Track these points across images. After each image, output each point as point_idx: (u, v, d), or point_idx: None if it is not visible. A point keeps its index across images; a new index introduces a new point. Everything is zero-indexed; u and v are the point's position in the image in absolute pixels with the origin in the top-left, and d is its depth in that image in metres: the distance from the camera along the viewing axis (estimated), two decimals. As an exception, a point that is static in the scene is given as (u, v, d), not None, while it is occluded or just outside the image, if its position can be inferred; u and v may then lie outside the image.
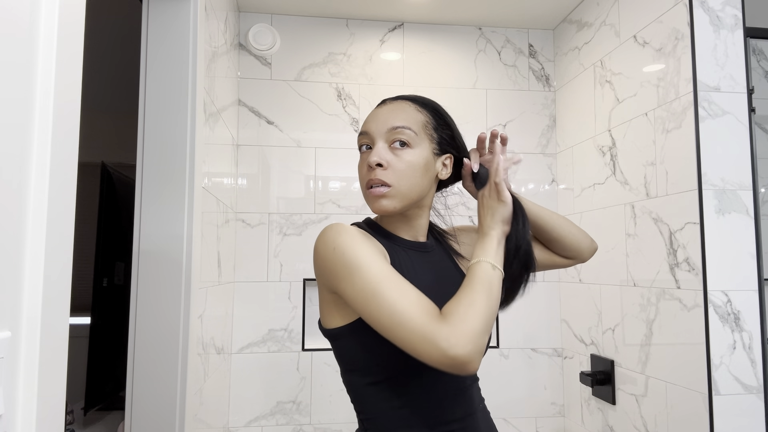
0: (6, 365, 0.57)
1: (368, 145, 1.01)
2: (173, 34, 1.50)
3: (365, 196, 1.01)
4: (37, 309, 0.62)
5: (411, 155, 0.99)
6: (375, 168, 0.97)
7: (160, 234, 1.45)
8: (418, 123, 1.01)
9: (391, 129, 0.99)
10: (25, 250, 0.61)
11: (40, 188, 0.63)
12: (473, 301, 0.85)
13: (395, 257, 1.00)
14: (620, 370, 2.02)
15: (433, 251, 1.07)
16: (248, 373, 2.32)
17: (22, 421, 0.60)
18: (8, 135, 0.57)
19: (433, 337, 0.79)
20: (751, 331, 1.58)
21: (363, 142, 1.02)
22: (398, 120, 1.00)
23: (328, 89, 2.47)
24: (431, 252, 1.06)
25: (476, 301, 0.85)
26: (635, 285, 1.94)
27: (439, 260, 1.06)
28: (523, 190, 2.55)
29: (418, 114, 1.02)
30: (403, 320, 0.81)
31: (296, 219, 2.40)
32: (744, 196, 1.61)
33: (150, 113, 1.48)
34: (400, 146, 0.99)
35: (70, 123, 0.69)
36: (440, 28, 2.57)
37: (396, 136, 0.99)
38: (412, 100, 1.05)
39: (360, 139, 1.03)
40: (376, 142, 0.99)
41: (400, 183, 0.98)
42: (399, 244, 1.03)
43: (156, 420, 1.41)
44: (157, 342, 1.43)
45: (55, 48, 0.65)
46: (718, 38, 1.66)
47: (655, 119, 1.84)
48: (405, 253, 1.02)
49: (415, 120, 1.01)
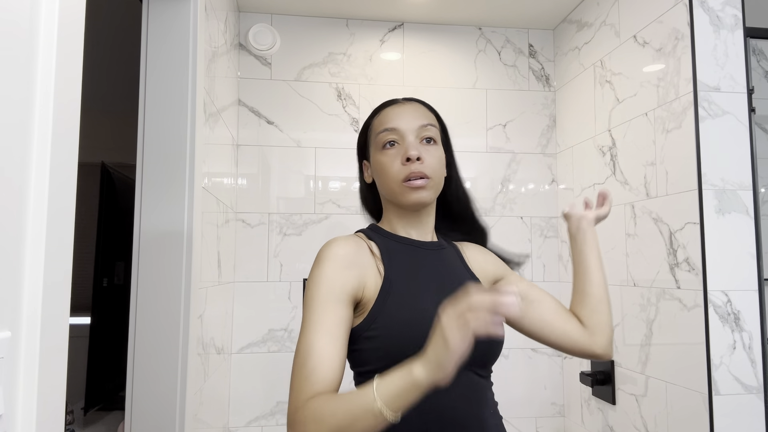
0: (6, 365, 0.57)
1: (394, 141, 1.02)
2: (173, 34, 1.50)
3: (399, 190, 1.01)
4: (37, 309, 0.62)
5: (438, 151, 1.04)
6: (414, 161, 0.99)
7: (160, 234, 1.45)
8: (434, 120, 1.07)
9: (421, 126, 1.03)
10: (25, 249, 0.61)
11: (40, 188, 0.63)
12: (338, 421, 0.78)
13: (395, 259, 1.01)
14: (620, 370, 2.02)
15: (445, 250, 1.08)
16: (248, 373, 2.32)
17: (22, 421, 0.60)
18: (8, 135, 0.57)
19: (289, 414, 0.83)
20: (751, 331, 1.57)
21: (390, 138, 1.03)
22: (425, 118, 1.05)
23: (328, 89, 2.47)
24: (444, 250, 1.08)
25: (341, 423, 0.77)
26: (635, 285, 1.94)
27: (451, 260, 1.07)
28: (523, 190, 2.56)
29: (430, 113, 1.08)
30: (292, 382, 0.87)
31: (296, 219, 2.40)
32: (744, 196, 1.61)
33: (150, 113, 1.48)
34: (428, 142, 1.03)
35: (70, 123, 0.69)
36: (440, 28, 2.57)
37: (426, 133, 1.03)
38: (421, 103, 1.10)
39: (385, 135, 1.03)
40: (406, 138, 1.02)
41: (435, 175, 1.02)
42: (409, 244, 1.04)
43: (156, 420, 1.41)
44: (157, 342, 1.43)
45: (55, 48, 0.65)
46: (718, 38, 1.66)
47: (655, 119, 1.84)
48: (411, 253, 1.03)
49: (432, 119, 1.07)
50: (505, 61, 2.60)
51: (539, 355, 2.49)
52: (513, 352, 2.47)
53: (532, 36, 2.62)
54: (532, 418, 2.47)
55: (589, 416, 2.26)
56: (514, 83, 2.59)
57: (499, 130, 2.55)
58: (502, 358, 2.45)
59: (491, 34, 2.60)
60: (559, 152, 2.56)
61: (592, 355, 1.10)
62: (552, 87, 2.62)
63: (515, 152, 2.56)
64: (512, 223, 2.52)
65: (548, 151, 2.58)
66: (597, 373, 2.14)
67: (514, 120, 2.57)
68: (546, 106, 2.60)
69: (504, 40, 2.60)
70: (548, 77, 2.62)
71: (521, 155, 2.56)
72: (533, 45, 2.62)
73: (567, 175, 2.48)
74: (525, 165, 2.56)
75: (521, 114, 2.58)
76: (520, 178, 2.55)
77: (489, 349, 1.01)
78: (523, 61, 2.61)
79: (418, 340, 0.86)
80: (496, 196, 2.52)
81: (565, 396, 2.48)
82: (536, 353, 2.49)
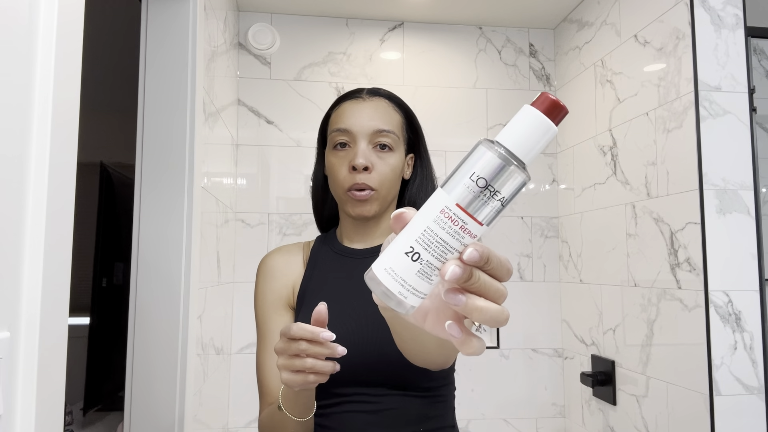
0: (5, 365, 0.57)
1: (345, 143, 0.96)
2: (172, 34, 1.50)
3: (344, 198, 0.96)
4: (36, 309, 0.61)
5: (394, 159, 0.96)
6: (360, 171, 0.92)
7: (159, 234, 1.45)
8: (397, 125, 0.98)
9: (376, 131, 0.95)
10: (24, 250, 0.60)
11: (39, 188, 0.62)
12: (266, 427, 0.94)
13: (317, 270, 0.99)
14: (621, 371, 2.02)
15: None
16: (248, 374, 2.31)
17: (21, 422, 0.59)
18: (7, 135, 0.57)
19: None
20: (752, 331, 1.57)
21: (340, 139, 0.96)
22: (383, 122, 0.96)
23: (327, 89, 2.47)
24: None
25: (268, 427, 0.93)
26: (636, 285, 1.94)
27: None
28: (523, 190, 2.55)
29: (396, 114, 0.99)
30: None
31: (296, 219, 2.39)
32: (745, 196, 1.61)
33: (149, 113, 1.47)
34: (382, 149, 0.95)
35: (69, 123, 0.68)
36: (440, 28, 2.57)
37: (380, 139, 0.95)
38: (388, 98, 1.01)
39: (337, 135, 0.96)
40: (358, 143, 0.94)
41: (383, 187, 0.95)
42: (340, 253, 1.00)
43: (155, 420, 1.41)
44: (157, 342, 1.43)
45: (53, 47, 0.64)
46: (719, 38, 1.65)
47: (656, 119, 1.83)
48: (338, 262, 0.99)
49: (395, 122, 0.98)
50: (505, 60, 2.59)
51: (539, 356, 2.49)
52: (513, 352, 2.47)
53: (533, 35, 2.62)
54: (533, 419, 2.46)
55: (589, 417, 2.26)
56: (515, 83, 2.59)
57: (500, 130, 2.54)
58: (502, 358, 2.45)
59: (491, 33, 2.59)
60: (560, 152, 2.55)
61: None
62: (552, 86, 2.61)
63: (515, 152, 2.55)
64: (512, 223, 2.52)
65: (549, 151, 2.58)
66: (597, 374, 2.14)
67: (515, 120, 2.57)
68: (546, 105, 2.60)
69: (504, 39, 2.60)
70: (549, 77, 2.62)
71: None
72: (534, 44, 2.62)
73: (567, 174, 2.48)
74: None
75: (521, 114, 2.57)
76: (520, 178, 2.55)
77: (392, 370, 0.88)
78: (524, 60, 2.61)
79: None
80: (496, 196, 2.52)
81: (566, 396, 2.47)
82: (536, 353, 2.49)
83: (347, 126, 0.95)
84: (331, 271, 0.99)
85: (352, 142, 0.95)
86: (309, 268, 0.99)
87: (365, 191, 0.93)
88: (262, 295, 0.96)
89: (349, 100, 0.99)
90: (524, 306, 2.48)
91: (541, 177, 2.57)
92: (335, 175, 0.96)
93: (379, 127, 0.95)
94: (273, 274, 0.97)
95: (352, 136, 0.95)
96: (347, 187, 0.94)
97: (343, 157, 0.95)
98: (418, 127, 1.04)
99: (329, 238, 1.04)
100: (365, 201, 0.94)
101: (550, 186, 2.57)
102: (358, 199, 0.93)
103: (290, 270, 0.99)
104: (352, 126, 0.95)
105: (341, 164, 0.95)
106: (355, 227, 1.00)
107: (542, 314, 2.51)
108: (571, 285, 2.42)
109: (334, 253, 1.00)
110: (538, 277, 2.51)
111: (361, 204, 0.94)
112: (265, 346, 0.95)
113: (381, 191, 0.95)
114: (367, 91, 1.00)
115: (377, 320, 0.90)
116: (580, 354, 2.33)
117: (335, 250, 1.01)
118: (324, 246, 1.02)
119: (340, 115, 0.98)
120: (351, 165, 0.93)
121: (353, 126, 0.95)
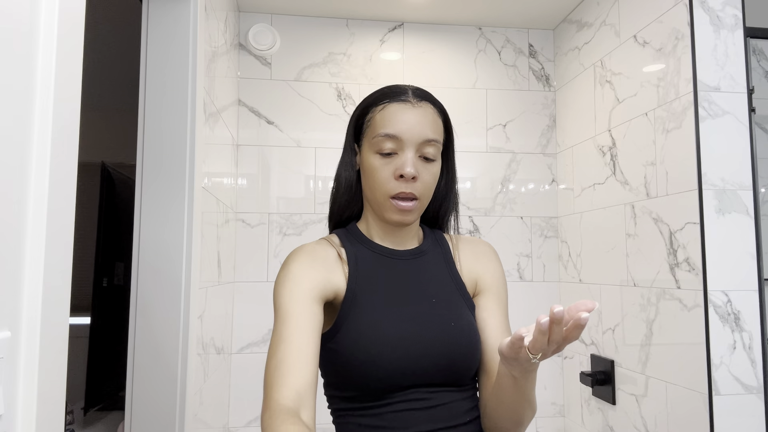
0: (6, 365, 0.57)
1: (393, 152, 0.94)
2: (173, 34, 1.50)
3: (385, 205, 0.94)
4: (37, 309, 0.62)
5: (436, 168, 0.96)
6: (408, 180, 0.92)
7: (159, 234, 1.45)
8: (441, 134, 0.98)
9: (425, 141, 0.93)
10: (25, 250, 0.61)
11: (40, 188, 0.63)
12: None
13: (361, 269, 0.96)
14: (620, 370, 2.02)
15: (424, 256, 1.01)
16: (248, 373, 2.32)
17: (22, 421, 0.60)
18: (8, 135, 0.57)
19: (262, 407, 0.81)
20: (751, 331, 1.57)
21: (388, 147, 0.93)
22: (431, 132, 0.94)
23: (328, 89, 2.47)
24: (424, 256, 1.01)
25: None
26: (635, 285, 1.94)
27: (429, 267, 1.00)
28: (523, 190, 2.55)
29: (440, 122, 0.98)
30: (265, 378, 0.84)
31: (296, 219, 2.40)
32: (744, 196, 1.61)
33: (150, 113, 1.48)
34: (426, 160, 0.94)
35: (70, 123, 0.69)
36: (440, 28, 2.57)
37: (427, 149, 0.94)
38: (433, 104, 0.99)
39: (384, 140, 0.93)
40: (406, 150, 0.93)
41: (425, 196, 0.95)
42: (381, 253, 0.99)
43: (156, 420, 1.41)
44: (157, 342, 1.43)
45: (54, 47, 0.65)
46: (718, 38, 1.66)
47: (655, 119, 1.84)
48: (381, 263, 0.98)
49: (440, 131, 0.97)
50: (505, 61, 2.60)
51: (539, 355, 2.49)
52: (513, 352, 2.47)
53: (532, 36, 2.62)
54: (533, 419, 2.46)
55: (589, 416, 2.26)
56: (514, 83, 2.59)
57: (499, 130, 2.55)
58: (502, 358, 2.45)
59: (491, 34, 2.60)
60: (559, 152, 2.56)
61: None
62: (552, 87, 2.62)
63: (515, 152, 2.56)
64: (512, 223, 2.52)
65: (548, 151, 2.58)
66: (597, 373, 2.14)
67: (514, 120, 2.57)
68: (546, 106, 2.60)
69: (504, 40, 2.60)
70: (548, 77, 2.62)
71: (521, 155, 2.56)
72: (533, 45, 2.62)
73: (567, 175, 2.48)
74: (525, 165, 2.56)
75: (521, 114, 2.58)
76: (520, 178, 2.55)
77: (454, 368, 0.93)
78: (523, 61, 2.61)
79: (365, 354, 0.88)
80: (496, 196, 2.52)
81: (565, 396, 2.48)
82: (536, 353, 2.49)
83: (396, 132, 0.93)
84: (378, 273, 0.97)
85: (399, 148, 0.93)
86: (352, 268, 0.95)
87: (411, 201, 0.93)
88: (297, 280, 0.89)
89: (396, 103, 0.96)
90: (524, 306, 2.48)
91: (540, 177, 2.57)
92: (378, 179, 0.94)
93: (429, 136, 0.94)
94: (313, 264, 0.93)
95: (401, 143, 0.93)
96: (392, 195, 0.93)
97: (389, 162, 0.94)
98: (452, 130, 1.04)
99: (356, 236, 1.01)
100: (409, 211, 0.93)
101: (550, 186, 2.57)
102: (402, 209, 0.93)
103: (329, 265, 0.95)
104: (402, 133, 0.93)
105: (385, 169, 0.93)
106: (389, 228, 1.00)
107: (542, 314, 2.51)
108: (571, 285, 2.42)
109: (375, 254, 0.99)
110: (537, 277, 2.51)
111: (404, 213, 0.93)
112: (289, 328, 0.86)
113: (423, 200, 0.95)
114: (412, 93, 0.98)
115: (435, 321, 0.93)
116: (579, 353, 2.34)
117: (375, 251, 0.99)
118: (359, 245, 0.99)
119: (389, 119, 0.95)
120: (398, 173, 0.92)
121: (403, 133, 0.93)
